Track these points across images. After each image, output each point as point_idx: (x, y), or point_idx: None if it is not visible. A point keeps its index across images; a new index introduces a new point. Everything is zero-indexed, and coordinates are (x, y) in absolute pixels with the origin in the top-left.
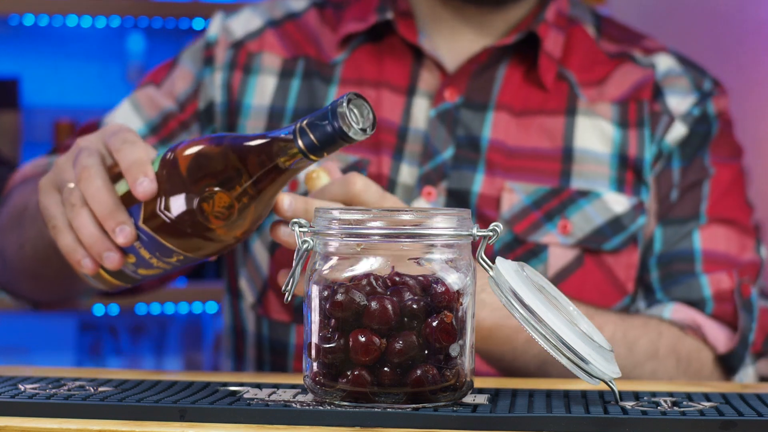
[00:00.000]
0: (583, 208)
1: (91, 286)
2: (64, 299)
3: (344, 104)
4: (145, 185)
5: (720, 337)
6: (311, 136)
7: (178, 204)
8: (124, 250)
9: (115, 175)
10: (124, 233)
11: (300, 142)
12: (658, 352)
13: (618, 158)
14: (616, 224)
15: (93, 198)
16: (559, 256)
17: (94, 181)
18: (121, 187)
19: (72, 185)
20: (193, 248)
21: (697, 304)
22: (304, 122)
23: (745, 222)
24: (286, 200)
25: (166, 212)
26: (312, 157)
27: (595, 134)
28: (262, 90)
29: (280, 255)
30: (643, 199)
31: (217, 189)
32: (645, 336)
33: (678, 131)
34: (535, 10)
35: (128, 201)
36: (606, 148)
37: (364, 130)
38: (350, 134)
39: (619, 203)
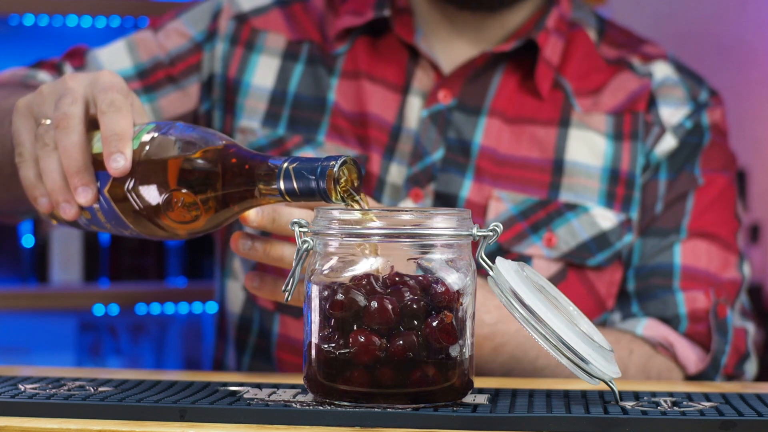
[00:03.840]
0: (569, 221)
1: (41, 217)
2: (8, 213)
3: (336, 167)
4: (119, 164)
5: (691, 357)
6: (294, 184)
7: (146, 191)
8: (82, 206)
9: (94, 121)
10: (86, 195)
11: (282, 184)
12: (627, 371)
13: (609, 172)
14: (601, 240)
15: (65, 151)
16: (543, 269)
17: (70, 134)
18: (97, 146)
19: (48, 122)
20: (147, 231)
21: (671, 321)
22: (292, 165)
23: (729, 238)
24: (252, 212)
25: (133, 194)
26: (288, 199)
27: (587, 147)
28: (264, 70)
29: None
30: (631, 216)
31: (189, 189)
32: (615, 353)
33: (668, 143)
34: (536, 15)
35: (99, 163)
36: (597, 161)
37: (347, 196)
38: (332, 198)
39: (606, 219)
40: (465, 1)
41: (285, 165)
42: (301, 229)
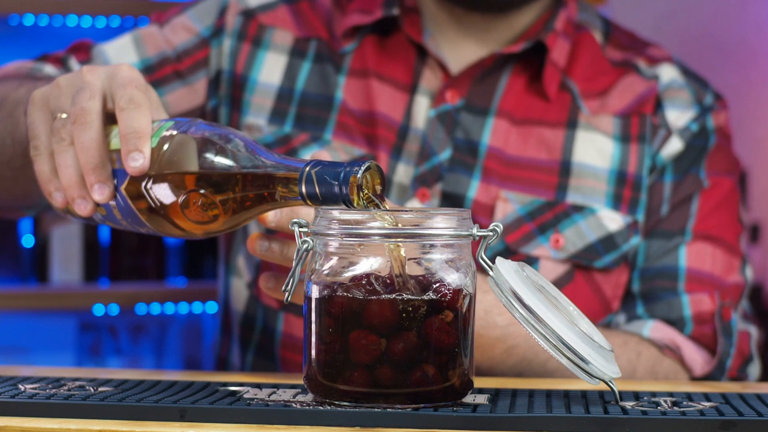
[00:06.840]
0: (577, 223)
1: (58, 213)
2: (12, 207)
3: (359, 174)
4: (138, 163)
5: (697, 359)
6: (316, 189)
7: (165, 190)
8: (98, 203)
9: (112, 115)
10: (102, 193)
11: (303, 188)
12: (635, 373)
13: (616, 174)
14: (608, 242)
15: (82, 147)
16: (550, 270)
17: (87, 130)
18: (115, 142)
19: (65, 116)
20: (163, 230)
21: (676, 323)
22: (314, 170)
23: (733, 241)
24: (271, 213)
25: (150, 193)
26: (309, 203)
27: (594, 149)
28: (271, 67)
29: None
30: (638, 219)
31: (208, 190)
32: (624, 355)
33: (674, 146)
34: (545, 17)
35: (117, 160)
36: (605, 163)
37: (369, 203)
38: (354, 204)
39: (613, 221)
40: (473, 3)
41: (307, 169)
42: (301, 229)
